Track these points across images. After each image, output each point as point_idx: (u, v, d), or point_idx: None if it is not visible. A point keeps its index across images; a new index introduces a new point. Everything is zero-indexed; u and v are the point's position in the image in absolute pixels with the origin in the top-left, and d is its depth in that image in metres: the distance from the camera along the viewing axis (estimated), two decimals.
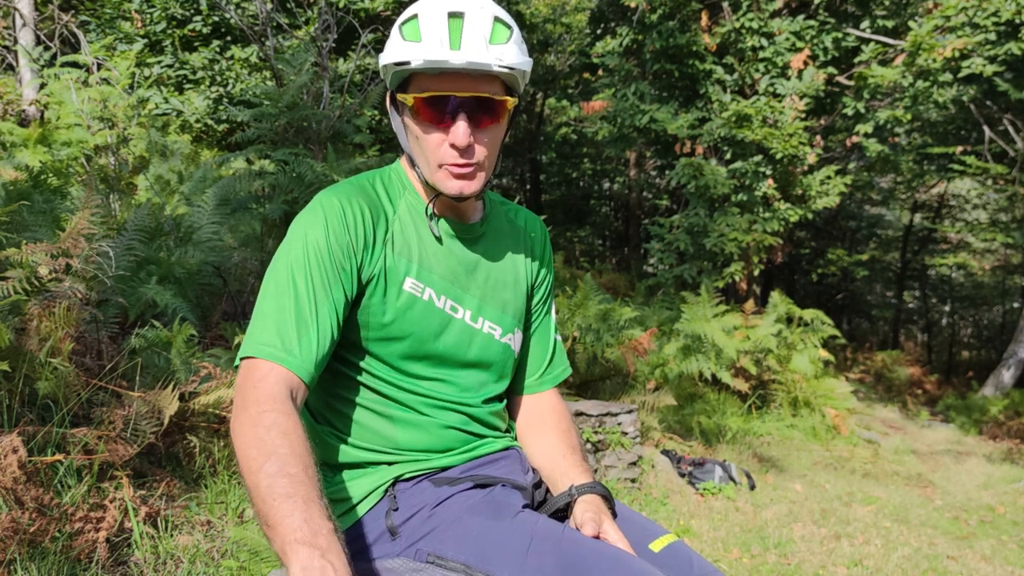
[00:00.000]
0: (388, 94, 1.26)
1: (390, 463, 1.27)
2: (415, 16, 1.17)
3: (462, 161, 1.19)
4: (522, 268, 1.42)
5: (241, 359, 1.12)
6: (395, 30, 1.19)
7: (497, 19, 1.17)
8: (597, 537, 1.19)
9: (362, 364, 1.26)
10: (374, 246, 1.22)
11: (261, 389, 1.06)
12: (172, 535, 2.49)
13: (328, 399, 1.29)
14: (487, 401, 1.36)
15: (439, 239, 1.29)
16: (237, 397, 1.07)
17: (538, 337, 1.48)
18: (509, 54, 1.16)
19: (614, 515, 1.28)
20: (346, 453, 1.27)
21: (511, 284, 1.38)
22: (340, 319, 1.18)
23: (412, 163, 1.27)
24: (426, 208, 1.28)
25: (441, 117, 1.18)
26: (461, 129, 1.16)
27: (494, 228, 1.39)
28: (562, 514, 1.30)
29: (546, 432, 1.42)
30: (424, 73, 1.17)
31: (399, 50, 1.17)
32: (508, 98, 1.20)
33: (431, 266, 1.28)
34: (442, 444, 1.30)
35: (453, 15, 1.14)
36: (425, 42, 1.14)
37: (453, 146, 1.18)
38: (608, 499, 1.30)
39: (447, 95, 1.16)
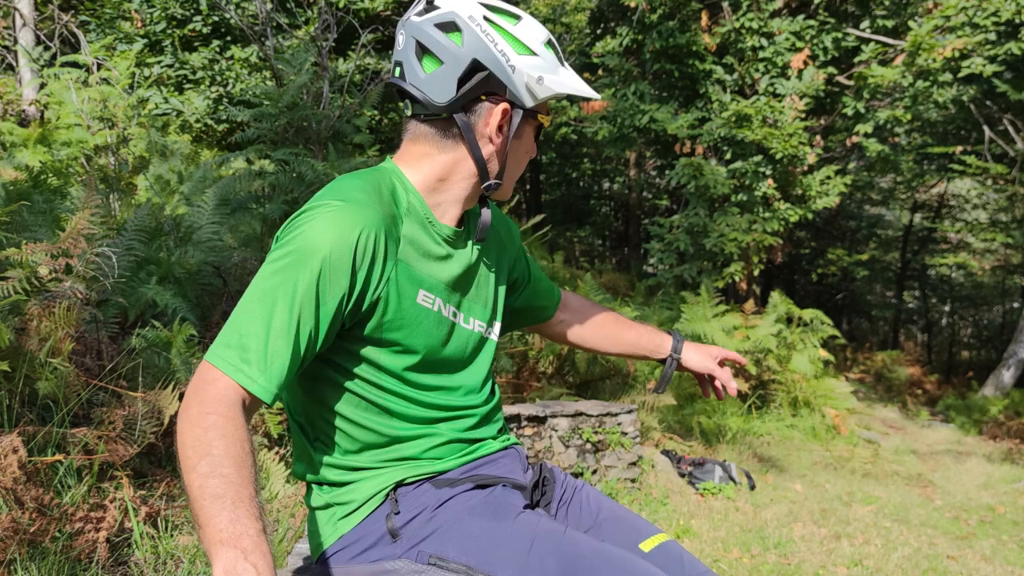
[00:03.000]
0: (520, 110, 1.23)
1: (392, 469, 1.26)
2: (550, 40, 1.25)
3: None
4: (496, 259, 1.41)
5: (204, 359, 1.08)
6: (548, 49, 1.23)
7: None
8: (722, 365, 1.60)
9: (369, 378, 1.22)
10: (385, 263, 1.17)
11: (209, 391, 1.03)
12: (172, 535, 2.49)
13: (328, 416, 1.24)
14: (489, 403, 1.37)
15: (449, 256, 1.27)
16: (186, 396, 1.04)
17: (536, 278, 1.58)
18: None
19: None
20: (345, 465, 1.25)
21: (490, 280, 1.38)
22: (319, 341, 1.12)
23: (433, 179, 1.26)
24: (427, 215, 1.25)
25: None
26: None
27: (473, 229, 1.37)
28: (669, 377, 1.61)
29: (599, 325, 1.65)
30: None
31: (573, 82, 1.25)
32: None
33: (438, 274, 1.26)
34: (445, 452, 1.29)
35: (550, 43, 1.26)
36: (567, 70, 1.26)
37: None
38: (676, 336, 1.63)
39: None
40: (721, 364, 1.63)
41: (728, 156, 9.36)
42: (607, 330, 1.64)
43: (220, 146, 10.30)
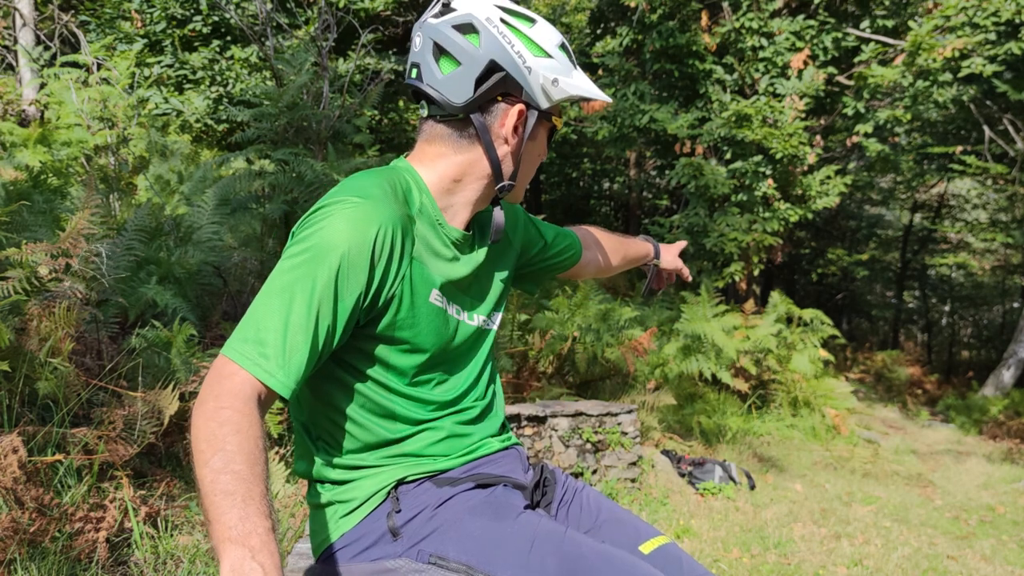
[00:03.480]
0: (535, 112, 1.25)
1: (393, 467, 1.27)
2: (563, 43, 1.26)
3: None
4: (505, 252, 1.43)
5: (221, 353, 1.08)
6: (562, 53, 1.25)
7: None
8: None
9: (377, 377, 1.23)
10: (401, 260, 1.18)
11: (225, 385, 1.02)
12: (172, 535, 2.49)
13: (333, 416, 1.25)
14: (490, 397, 1.38)
15: (457, 258, 1.28)
16: (202, 389, 1.03)
17: (551, 238, 1.59)
18: None
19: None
20: (348, 462, 1.26)
21: (494, 275, 1.40)
22: (336, 338, 1.12)
23: (445, 181, 1.26)
24: (437, 216, 1.25)
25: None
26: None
27: (480, 227, 1.38)
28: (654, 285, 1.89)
29: (610, 251, 1.78)
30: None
31: (587, 86, 1.26)
32: None
33: (447, 275, 1.26)
34: (446, 450, 1.29)
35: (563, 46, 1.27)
36: (580, 73, 1.27)
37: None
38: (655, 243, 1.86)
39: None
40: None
41: (728, 156, 9.36)
42: (618, 253, 1.81)
43: (220, 146, 10.30)
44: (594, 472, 4.15)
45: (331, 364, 1.22)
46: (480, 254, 1.33)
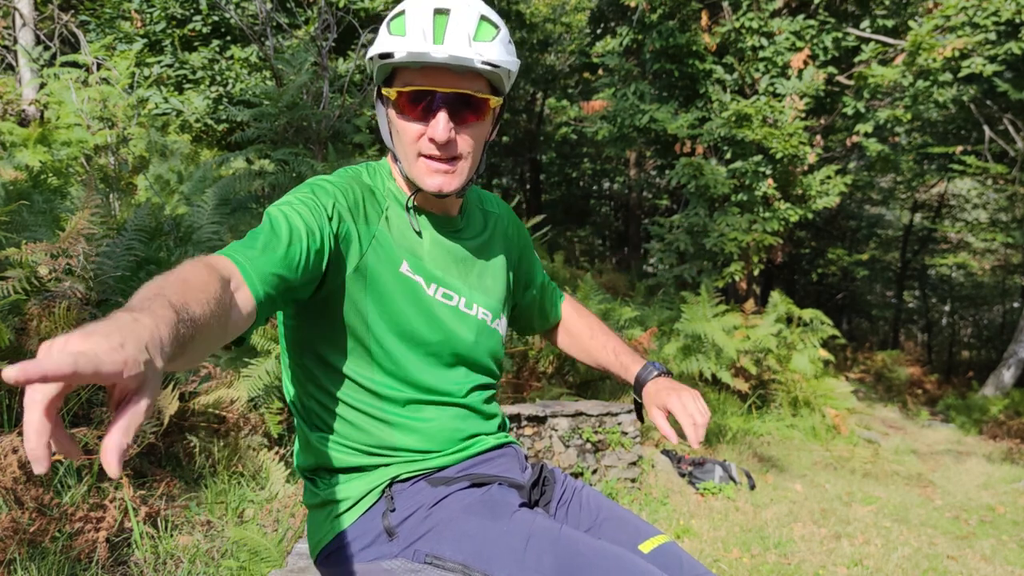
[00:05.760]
0: (375, 89, 1.28)
1: (387, 464, 1.27)
2: (402, 12, 1.18)
3: (439, 154, 1.20)
4: (502, 252, 1.44)
5: None
6: (383, 25, 1.21)
7: (484, 17, 1.19)
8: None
9: (359, 360, 1.25)
10: (368, 222, 1.23)
11: (200, 259, 0.97)
12: (172, 535, 2.49)
13: (323, 400, 1.27)
14: (484, 394, 1.38)
15: (419, 233, 1.29)
16: None
17: (539, 284, 1.61)
18: (492, 51, 1.17)
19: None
20: (342, 456, 1.27)
21: (495, 271, 1.41)
22: (311, 252, 1.10)
23: (396, 159, 1.28)
24: (407, 201, 1.28)
25: (422, 112, 1.19)
26: (441, 124, 1.17)
27: (473, 219, 1.41)
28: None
29: (589, 341, 1.63)
30: (408, 67, 1.18)
31: (383, 43, 1.18)
32: (491, 97, 1.21)
33: (422, 256, 1.28)
34: (438, 444, 1.30)
35: (439, 11, 1.15)
36: (409, 36, 1.15)
37: (432, 140, 1.19)
38: (668, 373, 1.48)
39: (429, 90, 1.17)
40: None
41: (728, 156, 9.36)
42: (592, 356, 1.64)
43: (220, 146, 10.29)
44: (594, 472, 4.15)
45: (318, 346, 1.24)
46: (471, 242, 1.36)
